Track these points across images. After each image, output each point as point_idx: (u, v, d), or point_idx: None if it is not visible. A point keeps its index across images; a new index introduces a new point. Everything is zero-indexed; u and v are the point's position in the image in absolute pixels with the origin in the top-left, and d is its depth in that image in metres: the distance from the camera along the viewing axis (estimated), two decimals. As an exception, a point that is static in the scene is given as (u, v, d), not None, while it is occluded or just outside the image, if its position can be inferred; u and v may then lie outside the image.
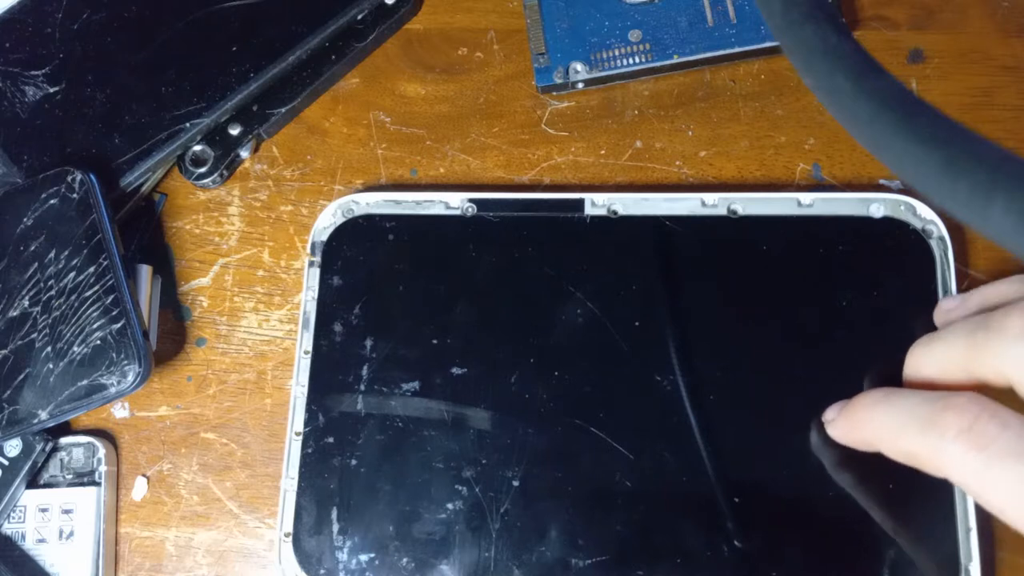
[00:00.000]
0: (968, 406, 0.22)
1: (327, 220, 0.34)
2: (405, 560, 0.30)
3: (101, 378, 0.30)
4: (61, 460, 0.33)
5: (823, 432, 0.29)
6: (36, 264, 0.32)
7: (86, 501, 0.32)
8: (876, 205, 0.32)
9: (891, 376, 0.28)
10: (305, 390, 0.32)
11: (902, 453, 0.23)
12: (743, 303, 0.31)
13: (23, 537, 0.32)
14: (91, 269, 0.31)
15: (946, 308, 0.28)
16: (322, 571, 0.30)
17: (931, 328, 0.30)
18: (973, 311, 0.26)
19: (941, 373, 0.24)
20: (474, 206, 0.33)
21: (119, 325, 0.31)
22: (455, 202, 0.33)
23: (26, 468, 0.32)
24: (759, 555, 0.29)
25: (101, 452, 0.32)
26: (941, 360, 0.24)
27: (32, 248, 0.32)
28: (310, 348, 0.32)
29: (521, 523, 0.30)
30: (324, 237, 0.34)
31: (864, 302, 0.31)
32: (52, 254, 0.32)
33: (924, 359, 0.25)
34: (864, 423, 0.25)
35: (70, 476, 0.33)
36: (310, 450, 0.31)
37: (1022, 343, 0.22)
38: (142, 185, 0.35)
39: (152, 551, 0.32)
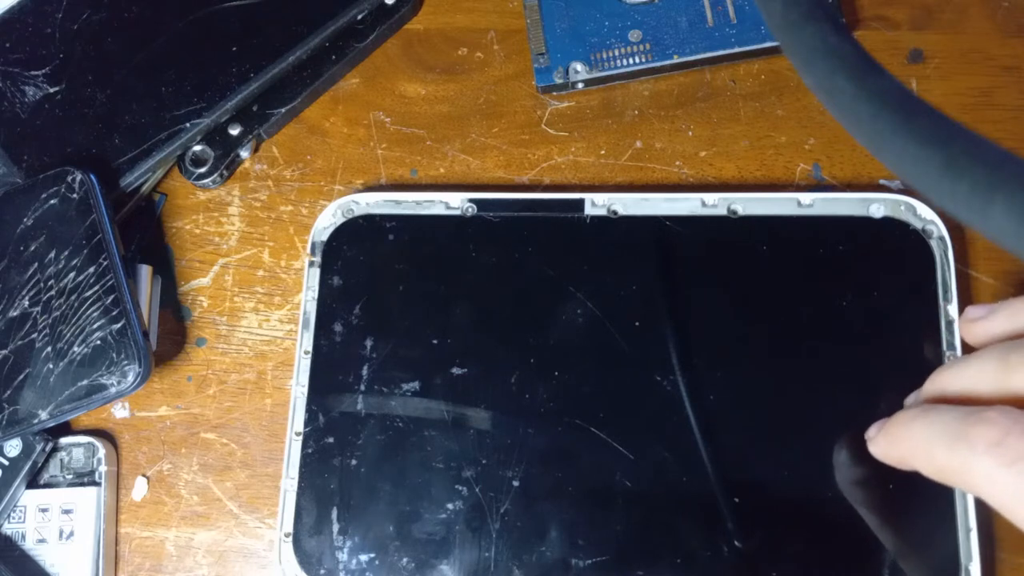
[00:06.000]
0: (999, 419, 0.21)
1: (327, 220, 0.34)
2: (405, 560, 0.30)
3: (101, 378, 0.30)
4: (61, 460, 0.33)
5: (823, 432, 0.29)
6: (36, 264, 0.32)
7: (86, 501, 0.32)
8: (876, 205, 0.32)
9: (891, 376, 0.28)
10: (305, 390, 0.32)
11: (934, 470, 0.23)
12: (743, 303, 0.31)
13: (23, 537, 0.32)
14: (91, 269, 0.31)
15: (973, 316, 0.27)
16: (322, 571, 0.30)
17: (931, 327, 0.30)
18: (1002, 324, 0.25)
19: (971, 389, 0.23)
20: (474, 206, 0.33)
21: (119, 325, 0.31)
22: (455, 202, 0.33)
23: (26, 468, 0.32)
24: (759, 555, 0.29)
25: (101, 452, 0.32)
26: (973, 378, 0.24)
27: (32, 248, 0.32)
28: (310, 348, 0.32)
29: (521, 523, 0.30)
30: (324, 237, 0.34)
31: (864, 302, 0.31)
32: (52, 254, 0.32)
33: (953, 378, 0.24)
34: (899, 440, 0.24)
35: (70, 476, 0.33)
36: (310, 450, 0.31)
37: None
38: (142, 185, 0.35)
39: (152, 551, 0.32)
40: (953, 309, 0.30)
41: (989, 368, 0.23)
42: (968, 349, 0.30)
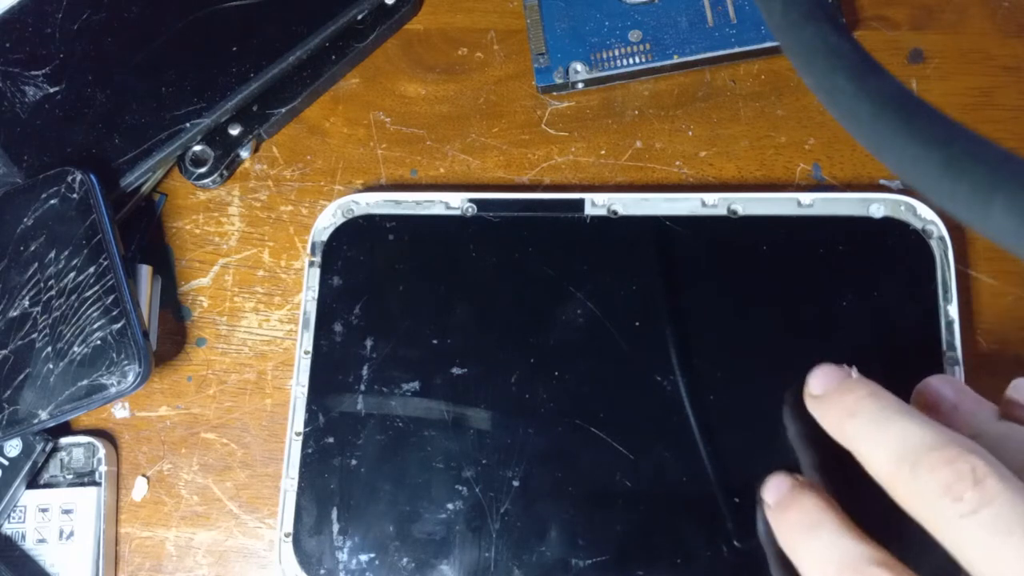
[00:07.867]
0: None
1: (327, 220, 0.34)
2: (405, 560, 0.30)
3: (101, 378, 0.30)
4: (61, 460, 0.33)
5: (823, 433, 0.29)
6: (36, 264, 0.32)
7: (86, 501, 0.32)
8: (876, 205, 0.32)
9: (891, 376, 0.28)
10: (305, 390, 0.32)
11: None
12: (743, 303, 0.31)
13: (23, 537, 0.32)
14: (91, 269, 0.31)
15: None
16: (322, 571, 0.30)
17: (931, 327, 0.30)
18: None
19: (873, 473, 0.23)
20: (474, 206, 0.33)
21: (119, 325, 0.31)
22: (455, 202, 0.33)
23: (26, 468, 0.32)
24: (759, 555, 0.29)
25: (101, 452, 0.32)
26: (869, 460, 0.23)
27: (32, 248, 0.32)
28: (310, 348, 0.32)
29: (521, 523, 0.30)
30: (324, 237, 0.34)
31: (864, 302, 0.31)
32: (52, 254, 0.32)
33: (863, 441, 0.23)
34: (792, 545, 0.24)
35: (70, 476, 0.33)
36: (310, 450, 0.31)
37: (941, 502, 0.21)
38: (142, 185, 0.35)
39: (152, 551, 0.32)
40: (953, 309, 0.30)
41: (883, 467, 0.23)
42: (967, 359, 0.30)
